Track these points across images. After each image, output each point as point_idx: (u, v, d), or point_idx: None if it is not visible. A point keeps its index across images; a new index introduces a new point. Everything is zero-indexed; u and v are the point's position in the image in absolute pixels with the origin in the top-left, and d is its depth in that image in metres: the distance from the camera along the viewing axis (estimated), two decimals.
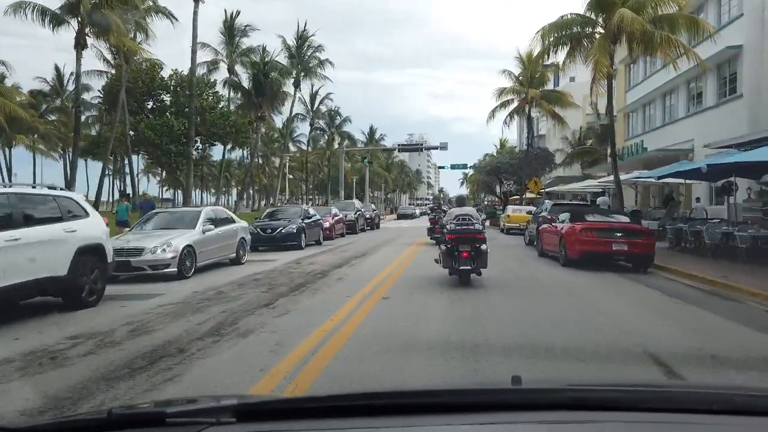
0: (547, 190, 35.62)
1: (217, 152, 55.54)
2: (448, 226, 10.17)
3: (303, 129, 63.35)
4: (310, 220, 19.92)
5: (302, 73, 42.22)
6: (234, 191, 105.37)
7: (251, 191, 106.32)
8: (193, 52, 28.07)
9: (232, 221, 13.92)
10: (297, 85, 42.12)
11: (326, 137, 61.26)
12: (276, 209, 21.20)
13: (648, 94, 30.57)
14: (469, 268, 9.62)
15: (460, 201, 12.24)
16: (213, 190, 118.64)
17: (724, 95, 23.26)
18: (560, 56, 22.05)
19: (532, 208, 30.15)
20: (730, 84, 22.87)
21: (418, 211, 65.86)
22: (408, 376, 4.72)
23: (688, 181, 21.69)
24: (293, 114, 51.55)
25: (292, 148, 73.71)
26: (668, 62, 21.60)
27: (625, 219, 14.27)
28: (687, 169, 15.93)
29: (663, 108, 29.77)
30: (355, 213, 28.78)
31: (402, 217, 57.35)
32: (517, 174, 37.93)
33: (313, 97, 57.85)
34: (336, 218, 25.03)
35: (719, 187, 18.45)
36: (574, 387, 1.65)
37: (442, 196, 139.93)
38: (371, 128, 79.71)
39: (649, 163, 28.05)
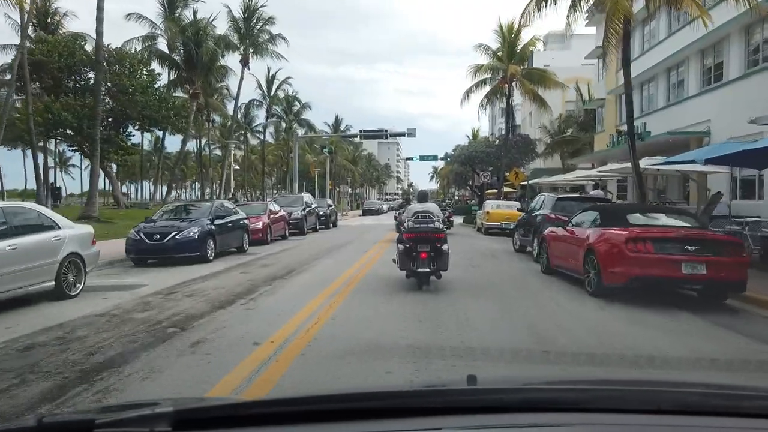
0: (530, 182, 30.51)
1: (173, 143, 49.01)
2: (405, 224, 9.22)
3: (263, 118, 57.17)
4: (225, 220, 14.21)
5: (251, 50, 36.15)
6: (196, 185, 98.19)
7: (214, 186, 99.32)
8: (99, 9, 21.93)
9: (52, 227, 8.16)
10: (245, 62, 36.04)
11: (284, 126, 54.96)
12: (182, 205, 15.41)
13: (647, 70, 25.69)
14: (428, 270, 8.68)
15: (422, 196, 10.33)
16: (173, 184, 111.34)
17: (755, 63, 18.39)
18: (561, 7, 16.98)
19: (516, 203, 25.02)
20: (765, 49, 18.04)
21: (385, 206, 60.37)
22: None
23: (704, 170, 16.80)
24: (247, 99, 45.52)
25: (253, 140, 67.42)
26: (695, 17, 16.67)
27: (686, 222, 9.01)
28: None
29: (667, 85, 24.93)
30: (303, 210, 23.12)
31: (367, 213, 51.70)
32: (494, 164, 32.73)
33: (269, 81, 51.78)
34: (274, 217, 19.37)
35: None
36: (529, 387, 1.59)
37: (411, 190, 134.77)
38: (336, 118, 73.87)
39: (651, 149, 23.16)
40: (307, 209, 23.82)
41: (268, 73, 51.46)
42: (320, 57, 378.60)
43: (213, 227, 13.32)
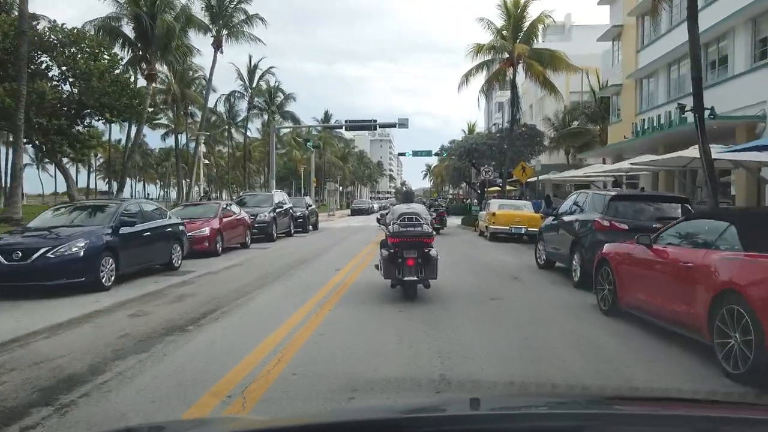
0: (540, 177, 26.33)
1: (154, 138, 44.25)
2: (390, 227, 7.91)
3: (246, 111, 52.62)
4: (138, 228, 9.90)
5: (224, 31, 31.87)
6: (185, 182, 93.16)
7: (201, 184, 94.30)
8: None
9: None
10: (218, 45, 31.74)
11: (266, 118, 50.37)
12: (78, 206, 11.00)
13: (678, 47, 21.52)
14: (415, 278, 7.54)
15: (407, 196, 9.20)
16: (159, 182, 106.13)
17: None
18: None
19: (526, 203, 20.95)
20: None
21: (376, 206, 56.10)
22: None
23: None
24: (228, 90, 40.99)
25: (240, 137, 62.92)
26: None
27: None
28: None
29: (704, 63, 20.76)
30: (272, 211, 18.88)
31: (356, 212, 47.28)
32: (496, 159, 28.55)
33: (251, 71, 47.44)
34: (228, 220, 15.12)
35: None
36: (538, 413, 1.51)
37: (404, 189, 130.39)
38: (326, 114, 69.38)
39: (689, 137, 19.12)
40: (278, 210, 19.58)
41: (250, 62, 47.24)
42: (316, 55, 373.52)
43: (114, 239, 9.08)
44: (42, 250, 8.14)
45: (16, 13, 34.29)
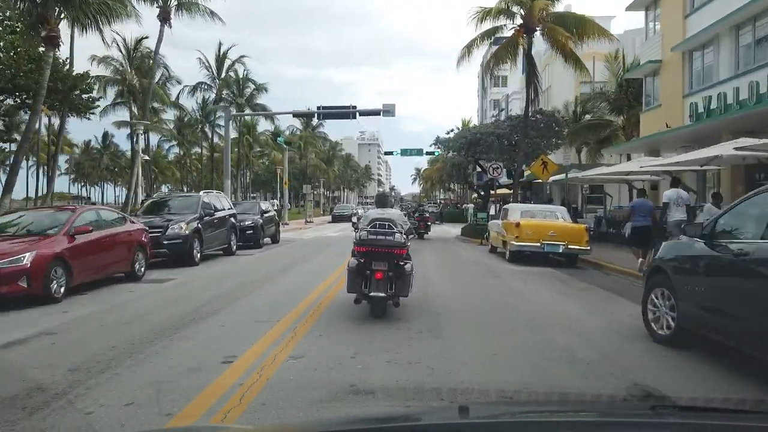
0: (568, 176, 20.21)
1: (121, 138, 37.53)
2: (359, 234, 6.79)
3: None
4: None
5: (173, 2, 25.70)
6: (164, 186, 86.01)
7: (185, 188, 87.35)
8: None
9: None
10: (165, 18, 25.54)
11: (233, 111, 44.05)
12: None
13: (749, 4, 15.78)
14: (383, 295, 6.37)
15: (381, 200, 7.72)
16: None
17: None
18: None
19: (561, 209, 14.90)
20: None
21: (361, 211, 49.93)
22: None
23: None
24: (195, 82, 34.57)
25: (218, 138, 56.53)
26: None
27: None
28: None
29: None
30: (196, 220, 12.66)
31: (338, 219, 40.98)
32: (505, 153, 22.47)
33: (220, 59, 41.23)
34: (90, 238, 8.85)
35: None
36: (528, 420, 1.46)
37: (393, 193, 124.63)
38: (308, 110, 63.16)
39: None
40: (208, 219, 13.36)
41: (219, 50, 41.01)
42: (304, 60, 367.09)
43: None
44: None
45: None
